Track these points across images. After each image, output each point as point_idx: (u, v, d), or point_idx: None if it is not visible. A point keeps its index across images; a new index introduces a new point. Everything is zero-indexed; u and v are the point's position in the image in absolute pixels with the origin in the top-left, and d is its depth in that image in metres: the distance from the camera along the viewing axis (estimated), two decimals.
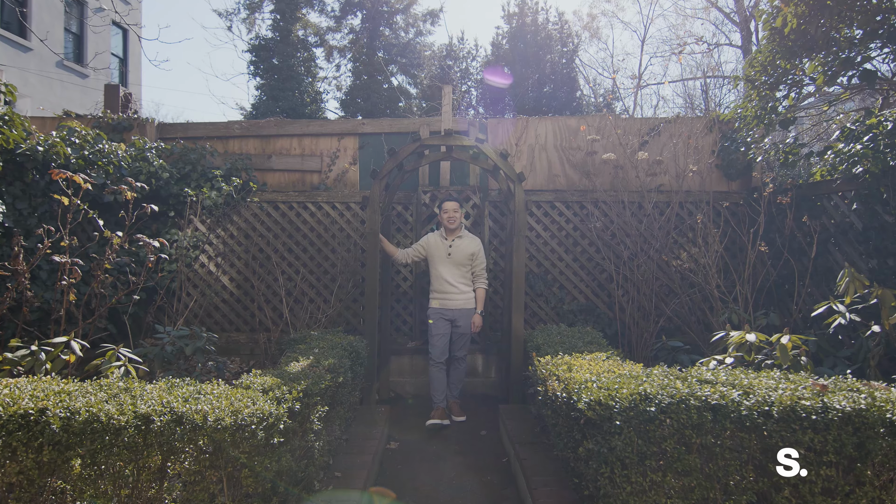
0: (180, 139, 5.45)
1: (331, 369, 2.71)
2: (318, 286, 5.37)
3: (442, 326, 4.34)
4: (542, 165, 5.55)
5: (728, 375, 2.11)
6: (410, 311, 5.39)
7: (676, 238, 5.07)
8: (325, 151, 5.61)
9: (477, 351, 5.15)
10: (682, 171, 5.03)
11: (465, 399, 4.90)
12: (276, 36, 17.39)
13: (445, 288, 4.35)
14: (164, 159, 5.34)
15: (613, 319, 5.26)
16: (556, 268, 5.37)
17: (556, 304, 5.32)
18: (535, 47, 12.89)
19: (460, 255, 4.34)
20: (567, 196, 5.35)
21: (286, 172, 5.61)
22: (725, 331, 2.94)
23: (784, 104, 4.24)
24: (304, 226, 5.40)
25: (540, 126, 5.55)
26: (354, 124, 5.58)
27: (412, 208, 5.40)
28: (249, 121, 5.55)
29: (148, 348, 3.08)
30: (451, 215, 4.34)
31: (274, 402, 2.09)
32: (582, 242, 5.34)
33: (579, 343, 3.22)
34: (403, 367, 5.12)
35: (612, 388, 2.03)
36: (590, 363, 2.54)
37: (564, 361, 2.66)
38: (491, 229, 5.38)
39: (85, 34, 16.51)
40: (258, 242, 5.40)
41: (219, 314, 5.40)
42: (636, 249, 5.06)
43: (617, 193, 5.18)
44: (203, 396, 2.00)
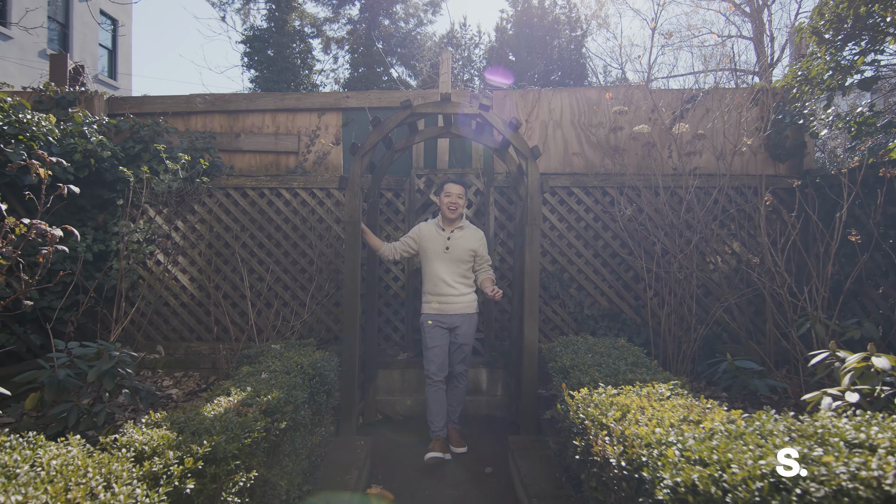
0: (133, 115, 4.65)
1: (270, 409, 1.89)
2: (293, 287, 4.56)
3: (438, 336, 3.53)
4: (557, 145, 4.72)
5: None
6: (402, 317, 4.57)
7: (716, 230, 4.23)
8: (302, 129, 4.81)
9: (480, 364, 4.33)
10: (730, 150, 4.20)
11: (465, 421, 4.09)
12: (271, 26, 16.81)
13: (442, 289, 3.55)
14: (113, 138, 4.55)
15: (642, 326, 4.43)
16: (574, 265, 4.54)
17: (573, 308, 4.50)
18: (542, 32, 12.07)
19: (460, 249, 3.55)
20: (586, 180, 4.53)
21: (257, 154, 4.81)
22: (810, 343, 2.13)
23: (859, 59, 3.40)
24: (278, 216, 4.60)
25: (554, 99, 4.73)
26: (337, 97, 4.77)
27: (404, 195, 4.59)
28: (214, 94, 4.76)
29: (38, 372, 2.28)
30: (453, 200, 3.54)
31: (146, 481, 1.28)
32: (604, 235, 4.52)
33: (620, 364, 2.39)
34: (393, 383, 4.31)
35: (712, 461, 1.21)
36: (650, 402, 1.72)
37: (613, 401, 1.82)
38: (497, 220, 4.56)
39: (71, 24, 15.78)
40: (223, 236, 4.60)
41: (177, 320, 4.60)
42: (671, 243, 4.25)
43: (648, 177, 4.35)
44: (18, 478, 1.18)
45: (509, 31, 12.59)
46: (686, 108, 4.48)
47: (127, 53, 18.14)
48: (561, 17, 12.34)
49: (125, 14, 17.70)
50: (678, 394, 1.84)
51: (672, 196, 4.35)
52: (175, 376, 4.31)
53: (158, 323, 4.59)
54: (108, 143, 4.10)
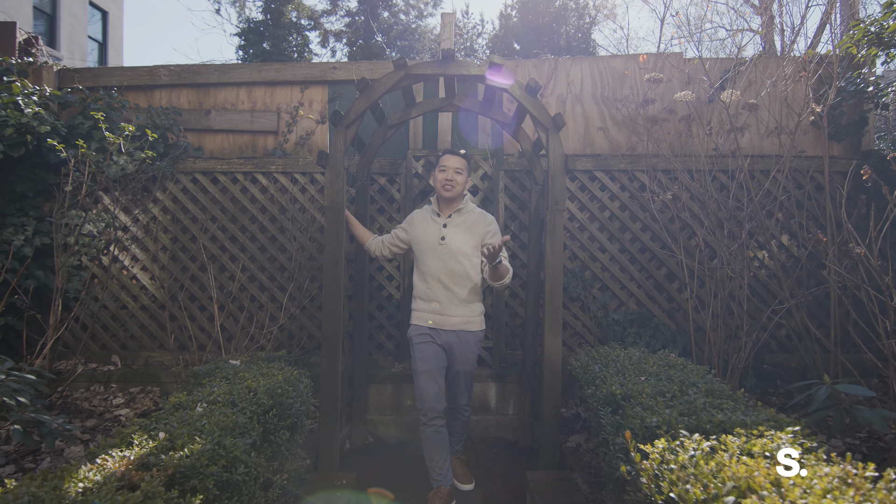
0: (86, 88, 4.02)
1: (182, 474, 1.22)
2: (270, 287, 3.93)
3: (432, 356, 2.69)
4: (577, 123, 4.08)
5: None
6: (397, 322, 3.94)
7: (769, 220, 3.58)
8: (283, 106, 4.17)
9: (488, 377, 3.69)
10: (788, 124, 3.56)
11: (470, 446, 3.45)
12: (267, 19, 16.33)
13: (436, 293, 2.73)
14: (61, 114, 3.92)
15: (677, 333, 3.79)
16: (597, 262, 3.90)
17: (597, 311, 3.85)
18: (549, 18, 11.44)
19: (460, 240, 2.73)
20: (612, 163, 3.89)
21: (231, 134, 4.17)
22: None
23: None
24: (253, 205, 3.97)
25: (573, 69, 4.09)
26: (323, 69, 4.14)
27: (399, 181, 3.96)
28: (181, 65, 4.13)
29: None
30: (449, 176, 2.77)
31: None
32: (632, 226, 3.87)
33: (689, 391, 1.71)
34: (385, 401, 3.67)
35: None
36: (776, 468, 1.07)
37: (716, 466, 1.14)
38: (507, 209, 3.92)
39: (58, 15, 15.19)
40: (190, 228, 3.96)
41: (135, 326, 3.96)
42: (712, 236, 3.60)
43: (687, 158, 3.70)
44: None
45: (514, 19, 11.96)
46: (728, 77, 3.84)
47: (118, 47, 17.55)
48: (569, 4, 11.71)
49: (115, 5, 17.11)
50: (807, 448, 1.18)
51: (712, 181, 3.70)
52: (130, 392, 3.68)
53: (115, 329, 3.96)
54: (47, 116, 3.47)
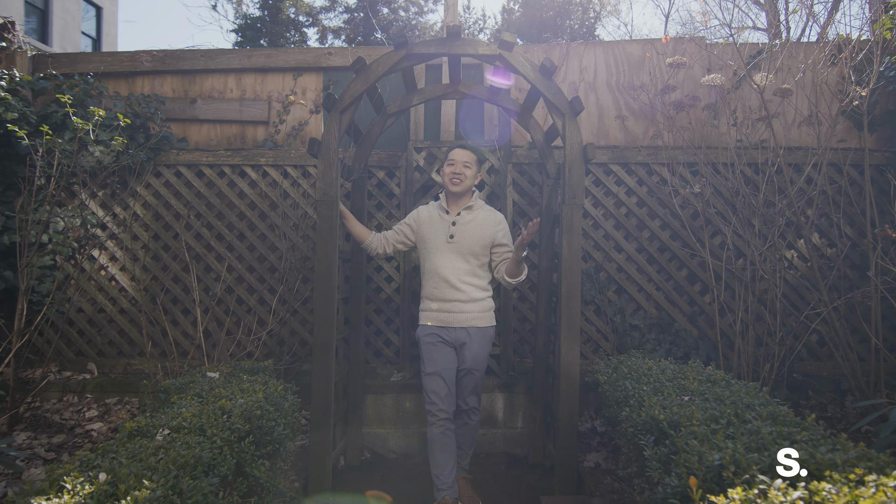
0: (62, 75, 3.73)
1: None
2: (259, 289, 3.64)
3: (442, 356, 2.62)
4: (591, 113, 3.80)
5: None
6: (396, 327, 3.65)
7: (800, 219, 3.30)
8: (274, 94, 3.88)
9: (495, 387, 3.40)
10: (826, 114, 3.29)
11: (477, 462, 3.16)
12: (264, 15, 16.10)
13: (445, 292, 2.65)
14: (34, 102, 3.64)
15: (700, 340, 3.51)
16: (613, 262, 3.62)
17: (613, 315, 3.56)
18: (553, 12, 11.16)
19: (469, 238, 2.65)
20: (629, 155, 3.60)
21: (218, 124, 3.88)
22: None
23: None
24: (242, 201, 3.68)
25: (587, 55, 3.81)
26: (317, 54, 3.85)
27: (399, 174, 3.67)
28: (165, 50, 3.84)
29: None
30: (457, 170, 2.66)
31: None
32: (651, 224, 3.59)
33: (748, 415, 1.43)
34: (385, 412, 3.38)
35: None
36: None
37: None
38: (516, 205, 3.64)
39: (51, 10, 14.89)
40: (173, 225, 3.67)
41: (114, 331, 3.67)
42: (740, 235, 3.32)
43: (711, 151, 3.42)
44: None
45: (517, 13, 11.69)
46: (754, 61, 3.56)
47: (112, 43, 17.27)
48: None
49: (110, 1, 16.81)
50: None
51: (737, 175, 3.42)
52: (106, 403, 3.39)
53: (91, 334, 3.66)
54: (15, 103, 3.18)
